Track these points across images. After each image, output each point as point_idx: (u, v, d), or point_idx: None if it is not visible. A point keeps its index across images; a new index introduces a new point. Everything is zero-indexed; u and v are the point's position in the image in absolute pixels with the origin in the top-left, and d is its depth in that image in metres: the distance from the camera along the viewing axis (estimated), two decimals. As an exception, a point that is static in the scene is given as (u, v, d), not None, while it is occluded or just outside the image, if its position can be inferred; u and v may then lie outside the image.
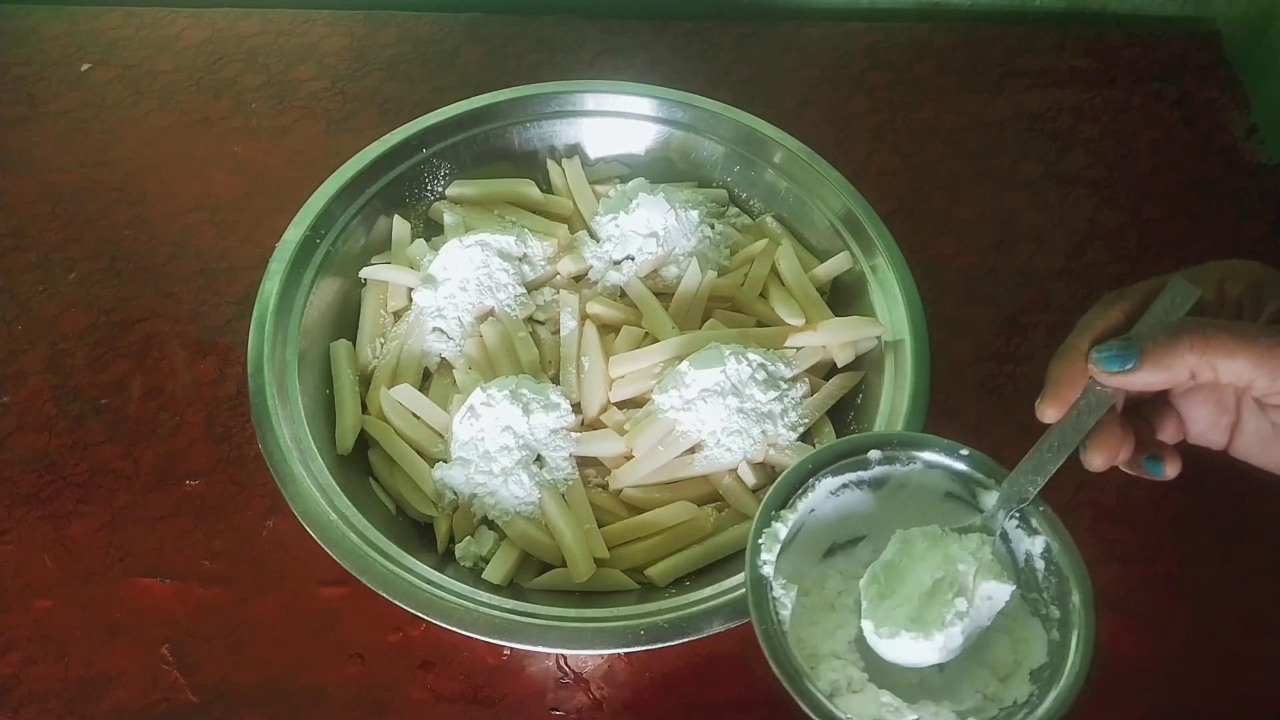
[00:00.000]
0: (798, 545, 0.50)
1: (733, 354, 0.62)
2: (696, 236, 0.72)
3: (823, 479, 0.50)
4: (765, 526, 0.47)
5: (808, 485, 0.49)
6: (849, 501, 0.51)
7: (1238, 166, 0.86)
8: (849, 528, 0.52)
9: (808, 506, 0.49)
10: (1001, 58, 0.94)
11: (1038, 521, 0.48)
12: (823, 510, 0.51)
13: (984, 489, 0.49)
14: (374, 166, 0.71)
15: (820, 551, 0.52)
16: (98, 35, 0.95)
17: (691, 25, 0.96)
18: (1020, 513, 0.48)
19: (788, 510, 0.48)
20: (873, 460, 0.50)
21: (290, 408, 0.61)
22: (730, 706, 0.59)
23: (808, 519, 0.50)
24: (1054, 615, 0.46)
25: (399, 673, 0.61)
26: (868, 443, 0.50)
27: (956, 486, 0.50)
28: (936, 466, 0.50)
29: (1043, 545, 0.47)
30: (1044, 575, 0.47)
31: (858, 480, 0.51)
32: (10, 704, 0.59)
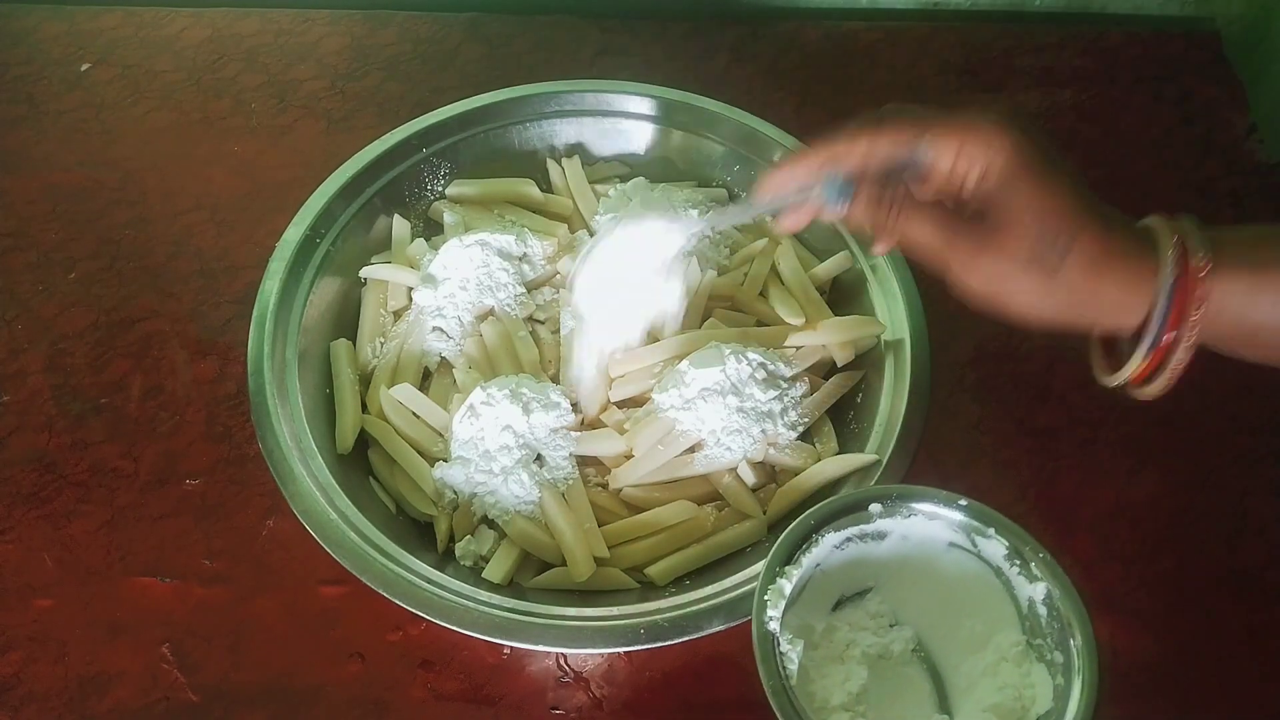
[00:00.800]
0: (805, 599, 0.51)
1: (733, 353, 0.62)
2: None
3: (826, 534, 0.50)
4: (770, 583, 0.48)
5: (812, 540, 0.50)
6: (854, 554, 0.52)
7: (1238, 166, 0.86)
8: (856, 580, 0.53)
9: (813, 561, 0.50)
10: (1001, 58, 0.94)
11: (1038, 568, 0.48)
12: (829, 564, 0.51)
13: (983, 537, 0.50)
14: (374, 166, 0.71)
15: (829, 604, 0.53)
16: (98, 35, 0.95)
17: (691, 25, 0.96)
18: (1020, 560, 0.49)
19: (792, 566, 0.49)
20: (874, 514, 0.51)
21: (290, 407, 0.61)
22: (730, 706, 0.59)
23: (814, 574, 0.51)
24: (1057, 660, 0.47)
25: (399, 672, 0.61)
26: (868, 497, 0.51)
27: (958, 536, 0.51)
28: (936, 518, 0.50)
29: (1044, 591, 0.48)
30: (1046, 621, 0.48)
31: (861, 534, 0.51)
32: (10, 704, 0.59)
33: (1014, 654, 0.49)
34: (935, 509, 0.50)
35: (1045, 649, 0.48)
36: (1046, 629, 0.48)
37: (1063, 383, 0.73)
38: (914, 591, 0.53)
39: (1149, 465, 0.69)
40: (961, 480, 0.68)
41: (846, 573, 0.52)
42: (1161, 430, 0.70)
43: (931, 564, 0.51)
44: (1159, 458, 0.69)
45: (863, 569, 0.52)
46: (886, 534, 0.52)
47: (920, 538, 0.51)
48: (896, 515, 0.51)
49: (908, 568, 0.52)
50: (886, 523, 0.51)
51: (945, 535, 0.51)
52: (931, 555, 0.51)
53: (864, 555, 0.52)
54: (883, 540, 0.52)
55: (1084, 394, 0.72)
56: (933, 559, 0.51)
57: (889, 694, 0.51)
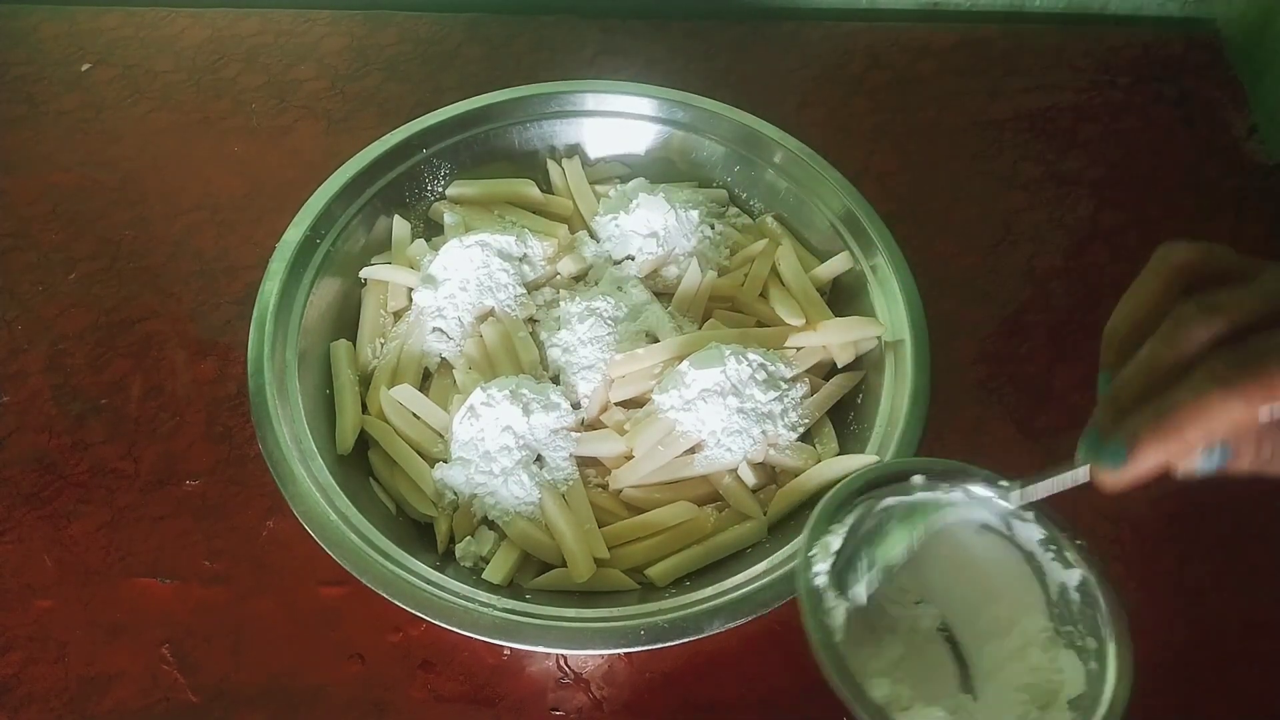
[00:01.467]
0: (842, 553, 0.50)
1: (733, 354, 0.62)
2: (696, 236, 0.72)
3: (868, 499, 0.50)
4: (818, 538, 0.48)
5: (853, 504, 0.49)
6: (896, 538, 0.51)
7: (1238, 166, 0.86)
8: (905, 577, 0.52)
9: (855, 524, 0.49)
10: (1001, 58, 0.94)
11: (1073, 555, 0.49)
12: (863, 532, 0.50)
13: (1021, 521, 0.50)
14: (374, 166, 0.71)
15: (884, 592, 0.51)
16: (98, 35, 0.95)
17: (691, 25, 0.96)
18: (1056, 547, 0.49)
19: (838, 524, 0.48)
20: (915, 486, 0.50)
21: (290, 408, 0.61)
22: (730, 706, 0.59)
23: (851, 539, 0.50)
24: (1090, 646, 0.47)
25: (399, 673, 0.61)
26: (913, 468, 0.50)
27: (993, 519, 0.51)
28: (976, 498, 0.50)
29: (1079, 578, 0.48)
30: (1080, 607, 0.48)
31: (900, 510, 0.50)
32: (10, 704, 0.59)
33: (1041, 639, 0.49)
34: (978, 489, 0.49)
35: (1076, 635, 0.48)
36: (1079, 615, 0.48)
37: (1063, 383, 0.73)
38: (941, 570, 0.52)
39: (1149, 466, 0.69)
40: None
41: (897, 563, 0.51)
42: (1162, 431, 0.70)
43: (962, 544, 0.51)
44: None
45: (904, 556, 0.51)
46: (922, 510, 0.51)
47: (955, 516, 0.51)
48: (938, 490, 0.50)
49: (937, 545, 0.51)
50: (926, 496, 0.50)
51: (979, 516, 0.50)
52: (963, 535, 0.51)
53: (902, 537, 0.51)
54: (917, 523, 0.51)
55: (1084, 395, 0.72)
56: (963, 539, 0.51)
57: (917, 669, 0.51)
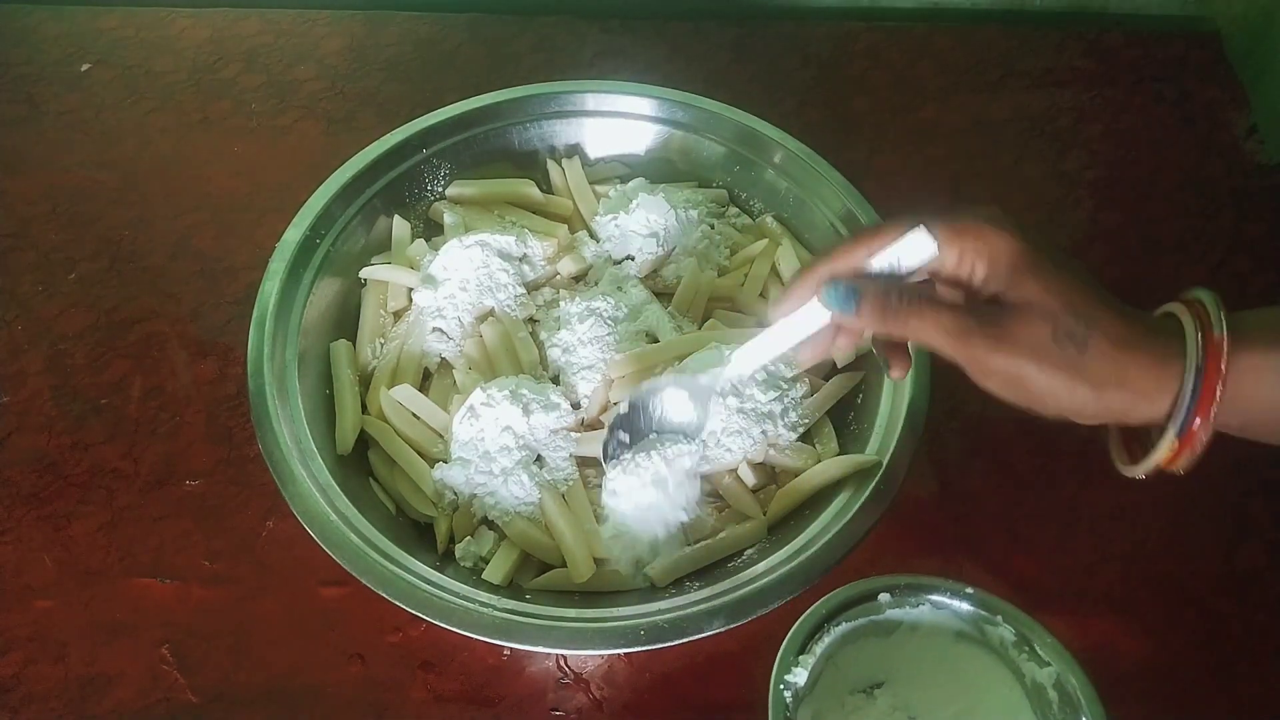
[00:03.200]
0: (818, 693, 0.51)
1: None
2: (696, 236, 0.72)
3: (838, 625, 0.50)
4: (786, 673, 0.48)
5: (824, 630, 0.50)
6: (865, 648, 0.52)
7: (1238, 166, 0.86)
8: (867, 675, 0.53)
9: (825, 653, 0.50)
10: (1001, 58, 0.94)
11: (1046, 653, 0.49)
12: (840, 657, 0.51)
13: (991, 625, 0.50)
14: (374, 166, 0.71)
15: (842, 698, 0.52)
16: (98, 35, 0.95)
17: (691, 25, 0.96)
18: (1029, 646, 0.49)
19: (805, 655, 0.49)
20: (883, 604, 0.51)
21: (290, 408, 0.61)
22: (730, 707, 0.59)
23: (826, 667, 0.51)
24: None
25: (399, 673, 0.61)
26: (876, 587, 0.51)
27: (966, 626, 0.51)
28: (943, 608, 0.51)
29: (1054, 676, 0.48)
30: (1059, 705, 0.48)
31: (872, 625, 0.51)
32: (10, 704, 0.59)
33: None
34: (942, 599, 0.51)
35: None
36: (1059, 713, 0.48)
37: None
38: (926, 685, 0.53)
39: (1149, 466, 0.69)
40: (961, 481, 0.68)
41: (857, 666, 0.52)
42: (1162, 431, 0.70)
43: (941, 656, 0.52)
44: (1159, 458, 0.69)
45: (873, 662, 0.52)
46: (896, 624, 0.52)
47: (929, 628, 0.52)
48: (905, 605, 0.51)
49: (918, 660, 0.52)
50: (895, 613, 0.51)
51: (953, 625, 0.51)
52: (941, 646, 0.52)
53: (874, 647, 0.52)
54: (892, 633, 0.52)
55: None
56: (942, 650, 0.52)
57: None
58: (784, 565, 0.55)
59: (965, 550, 0.65)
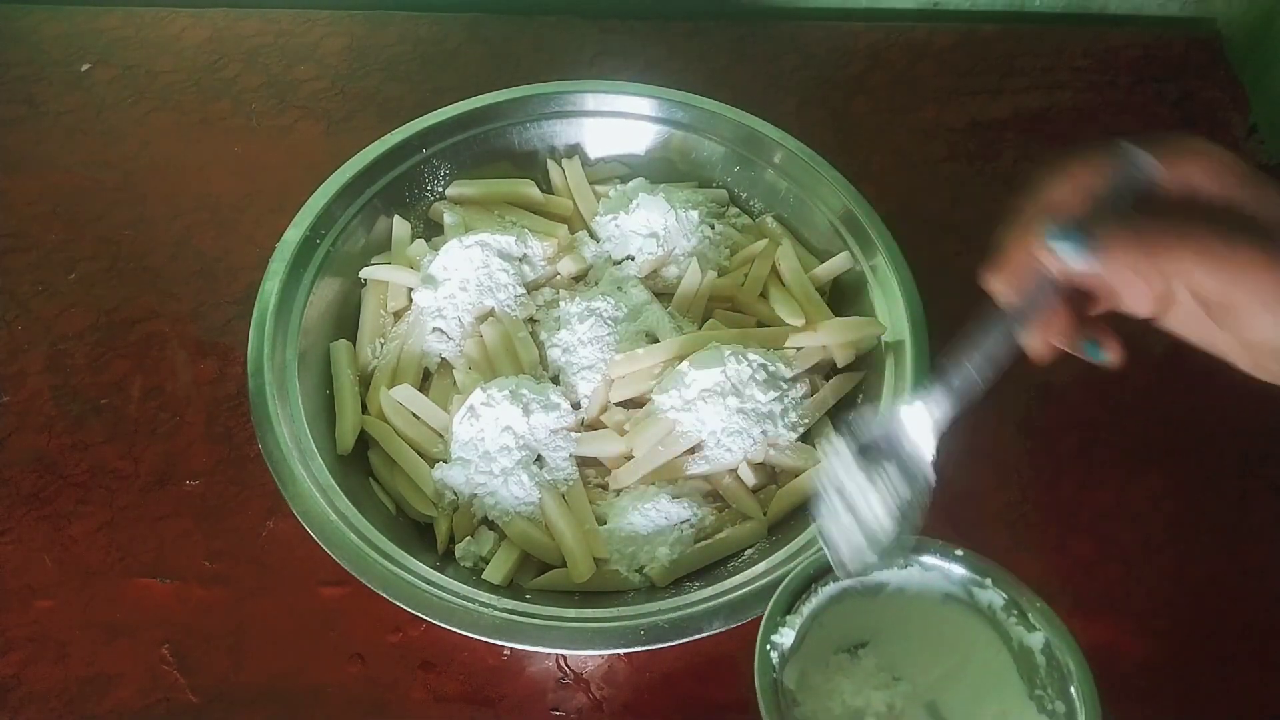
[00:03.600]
0: (804, 652, 0.50)
1: (733, 354, 0.62)
2: (696, 236, 0.72)
3: (825, 584, 0.50)
4: (772, 633, 0.48)
5: (811, 591, 0.49)
6: (851, 607, 0.52)
7: (1238, 166, 0.86)
8: (852, 634, 0.53)
9: (811, 612, 0.49)
10: (1001, 58, 0.94)
11: (1035, 618, 0.49)
12: (826, 618, 0.51)
13: (980, 589, 0.50)
14: (374, 166, 0.71)
15: (826, 657, 0.52)
16: (98, 35, 0.95)
17: (691, 25, 0.96)
18: (1018, 610, 0.49)
19: (793, 615, 0.49)
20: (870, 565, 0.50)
21: (290, 408, 0.61)
22: (730, 707, 0.59)
23: (812, 627, 0.50)
24: (1059, 710, 0.47)
25: (399, 673, 0.61)
26: None
27: (955, 588, 0.51)
28: (933, 569, 0.50)
29: (1042, 641, 0.48)
30: (1046, 670, 0.48)
31: (858, 585, 0.51)
32: (10, 704, 0.59)
33: (1017, 706, 0.49)
34: (932, 560, 0.50)
35: (1046, 699, 0.48)
36: (1046, 679, 0.48)
37: (1063, 383, 0.73)
38: (911, 645, 0.53)
39: (1149, 466, 0.69)
40: (962, 481, 0.68)
41: (843, 626, 0.52)
42: (1162, 431, 0.70)
43: (927, 617, 0.51)
44: (1159, 458, 0.69)
45: (859, 622, 0.52)
46: (883, 586, 0.51)
47: (916, 590, 0.51)
48: (894, 566, 0.50)
49: (904, 621, 0.52)
50: (884, 574, 0.51)
51: (941, 587, 0.51)
52: (927, 608, 0.51)
53: (860, 608, 0.52)
54: (879, 594, 0.52)
55: (1084, 394, 0.72)
56: (928, 612, 0.51)
57: None
58: (784, 565, 0.55)
59: (966, 545, 0.65)
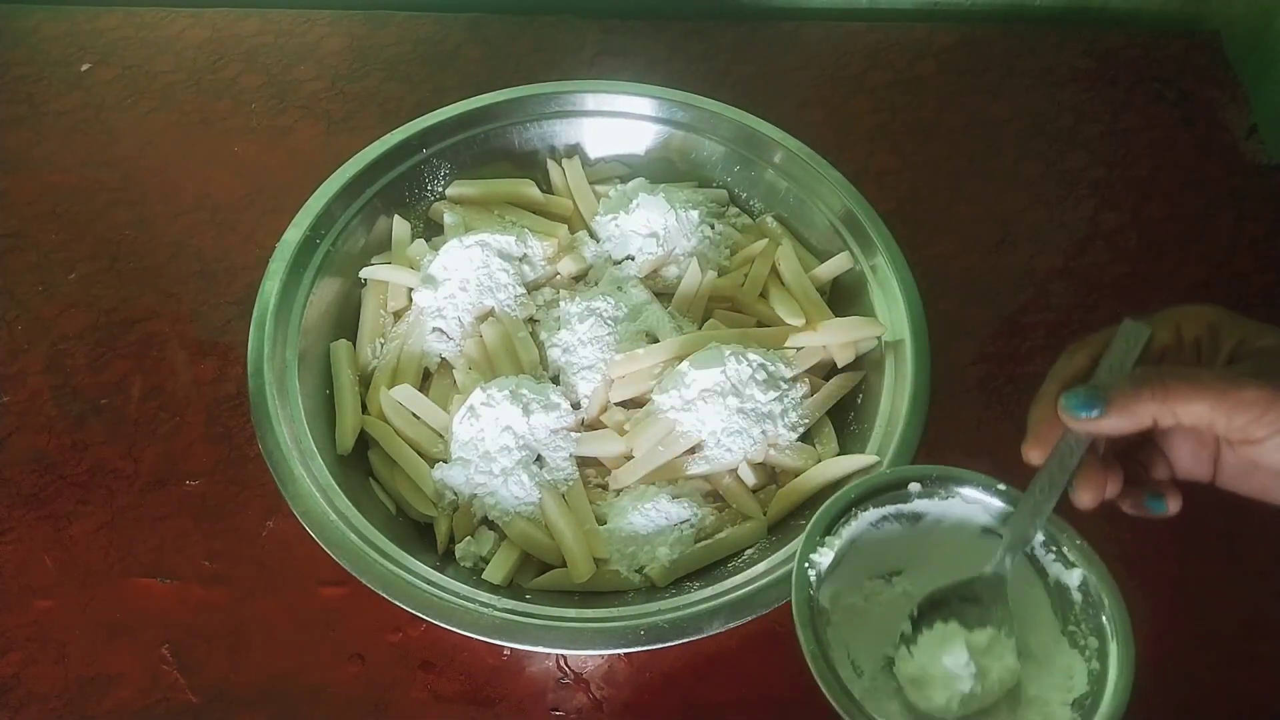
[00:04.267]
0: (840, 574, 0.51)
1: (733, 354, 0.62)
2: (696, 236, 0.72)
3: (865, 510, 0.50)
4: (811, 552, 0.48)
5: (850, 514, 0.50)
6: (888, 534, 0.52)
7: (1238, 167, 0.86)
8: (887, 560, 0.53)
9: (850, 535, 0.50)
10: (1001, 58, 0.94)
11: (1074, 555, 0.49)
12: (863, 542, 0.51)
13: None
14: (374, 166, 0.71)
15: (860, 581, 0.52)
16: (98, 35, 0.95)
17: (691, 25, 0.96)
18: (1057, 547, 0.49)
19: (831, 537, 0.49)
20: (912, 494, 0.51)
21: (290, 408, 0.61)
22: (730, 706, 0.59)
23: (849, 549, 0.50)
24: (1092, 645, 0.47)
25: (399, 673, 0.61)
26: (909, 476, 0.51)
27: (993, 521, 0.51)
28: (974, 502, 0.51)
29: (1080, 578, 0.49)
30: (1081, 607, 0.49)
31: (898, 514, 0.51)
32: (10, 704, 0.59)
33: (1049, 640, 0.49)
34: (974, 493, 0.50)
35: (1079, 635, 0.48)
36: (1081, 615, 0.48)
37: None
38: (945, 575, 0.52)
39: (1149, 466, 0.69)
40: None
41: (879, 552, 0.52)
42: (1162, 431, 0.70)
43: (964, 549, 0.51)
44: (1159, 458, 0.69)
45: (895, 550, 0.52)
46: (922, 515, 0.51)
47: (955, 521, 0.51)
48: (935, 496, 0.50)
49: (939, 552, 0.52)
50: (923, 504, 0.51)
51: (980, 519, 0.51)
52: (964, 540, 0.51)
53: (898, 535, 0.52)
54: (917, 522, 0.52)
55: (1084, 394, 0.72)
56: (965, 544, 0.51)
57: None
58: (784, 565, 0.55)
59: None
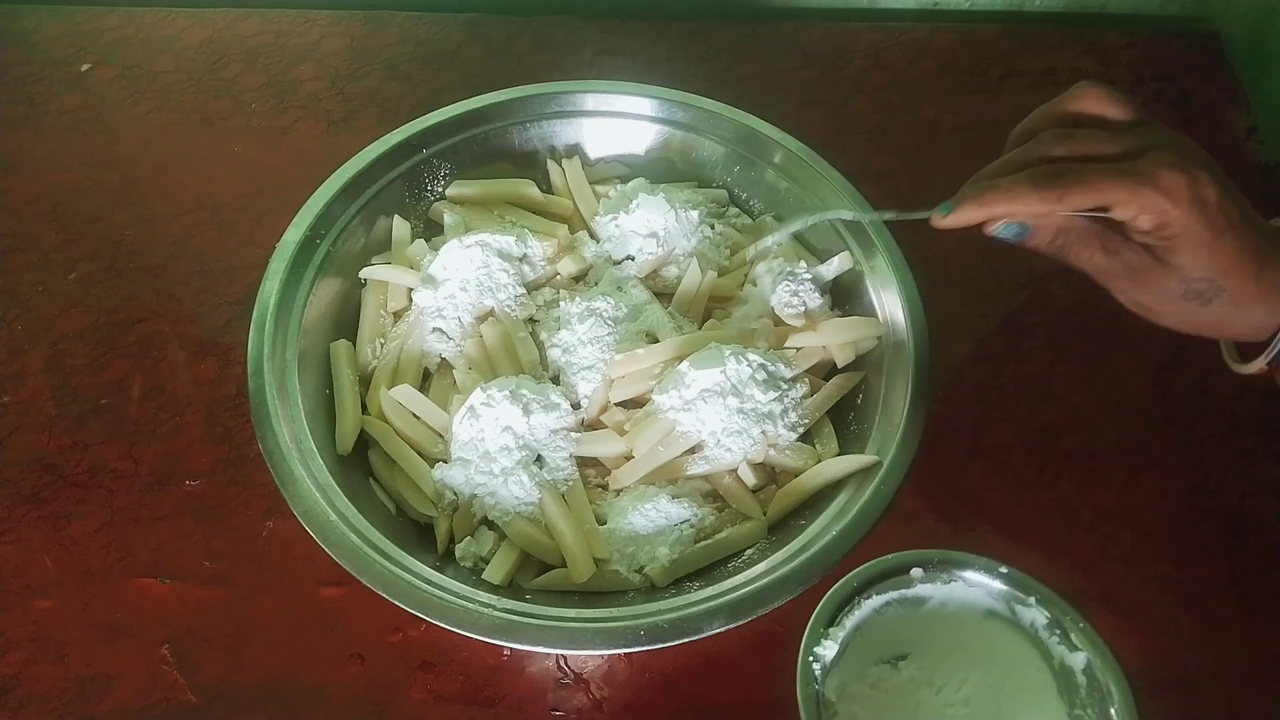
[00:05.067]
0: (844, 663, 0.51)
1: (733, 354, 0.62)
2: (696, 236, 0.72)
3: (868, 597, 0.50)
4: (815, 645, 0.48)
5: (854, 603, 0.50)
6: (892, 618, 0.52)
7: (1238, 167, 0.86)
8: (893, 645, 0.53)
9: (853, 624, 0.50)
10: (1001, 58, 0.94)
11: (1078, 638, 0.49)
12: (867, 628, 0.51)
13: (1023, 606, 0.51)
14: (374, 166, 0.71)
15: (866, 667, 0.53)
16: (98, 35, 0.95)
17: (691, 25, 0.96)
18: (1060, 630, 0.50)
19: (835, 628, 0.49)
20: (915, 579, 0.51)
21: (290, 408, 0.61)
22: (730, 706, 0.59)
23: (853, 637, 0.51)
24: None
25: (399, 673, 0.61)
26: (910, 561, 0.51)
27: (998, 604, 0.51)
28: (976, 585, 0.51)
29: (1084, 661, 0.49)
30: (1087, 690, 0.49)
31: (901, 599, 0.52)
32: (10, 704, 0.59)
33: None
34: (976, 576, 0.51)
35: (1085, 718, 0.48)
36: (1087, 699, 0.48)
37: (1063, 383, 0.73)
38: (951, 659, 0.53)
39: (1149, 466, 0.69)
40: (962, 481, 0.68)
41: (884, 637, 0.52)
42: (1162, 431, 0.70)
43: (968, 632, 0.52)
44: (1159, 459, 0.69)
45: (900, 635, 0.53)
46: (926, 599, 0.52)
47: (959, 604, 0.52)
48: (937, 580, 0.51)
49: (945, 634, 0.52)
50: (927, 588, 0.51)
51: (984, 603, 0.51)
52: (969, 623, 0.52)
53: (902, 619, 0.52)
54: (921, 606, 0.52)
55: (1084, 394, 0.72)
56: (970, 626, 0.52)
57: None
58: (784, 565, 0.55)
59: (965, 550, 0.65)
